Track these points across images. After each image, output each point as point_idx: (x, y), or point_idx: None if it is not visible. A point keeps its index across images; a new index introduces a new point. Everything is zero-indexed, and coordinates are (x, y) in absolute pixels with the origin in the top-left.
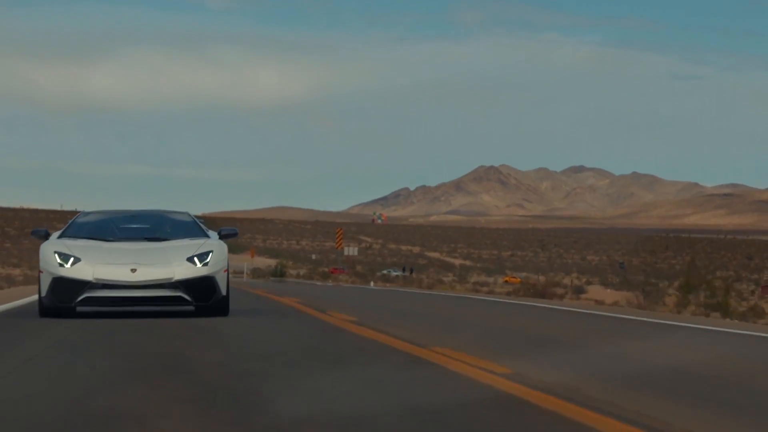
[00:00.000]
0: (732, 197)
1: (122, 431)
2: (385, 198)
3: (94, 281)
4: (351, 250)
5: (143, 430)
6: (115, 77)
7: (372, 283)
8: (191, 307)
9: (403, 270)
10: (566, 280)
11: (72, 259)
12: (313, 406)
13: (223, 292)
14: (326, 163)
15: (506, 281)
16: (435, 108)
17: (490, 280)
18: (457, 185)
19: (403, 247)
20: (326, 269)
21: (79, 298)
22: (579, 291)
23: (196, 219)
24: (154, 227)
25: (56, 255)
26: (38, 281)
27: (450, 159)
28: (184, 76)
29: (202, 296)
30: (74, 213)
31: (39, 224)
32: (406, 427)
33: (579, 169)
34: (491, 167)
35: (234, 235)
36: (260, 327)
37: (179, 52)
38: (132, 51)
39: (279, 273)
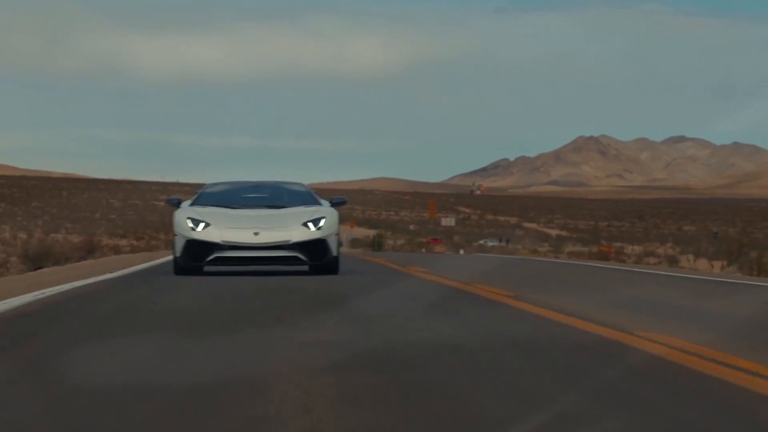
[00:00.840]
0: None
1: (271, 318)
2: (484, 169)
3: (222, 243)
4: (448, 221)
5: (282, 316)
6: (216, 49)
7: (461, 251)
8: (305, 267)
9: (500, 240)
10: (660, 250)
11: (203, 224)
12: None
13: (334, 252)
14: (426, 133)
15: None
16: (535, 78)
17: (585, 249)
18: (557, 156)
19: (501, 218)
20: (423, 239)
21: (209, 258)
22: (672, 261)
23: (309, 189)
24: (273, 196)
25: (189, 220)
26: (173, 244)
27: (550, 129)
28: (286, 47)
29: (316, 256)
30: (176, 185)
31: (142, 195)
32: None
33: (679, 140)
34: (591, 137)
35: (343, 203)
36: (369, 283)
37: (280, 23)
38: (234, 23)
39: (377, 244)
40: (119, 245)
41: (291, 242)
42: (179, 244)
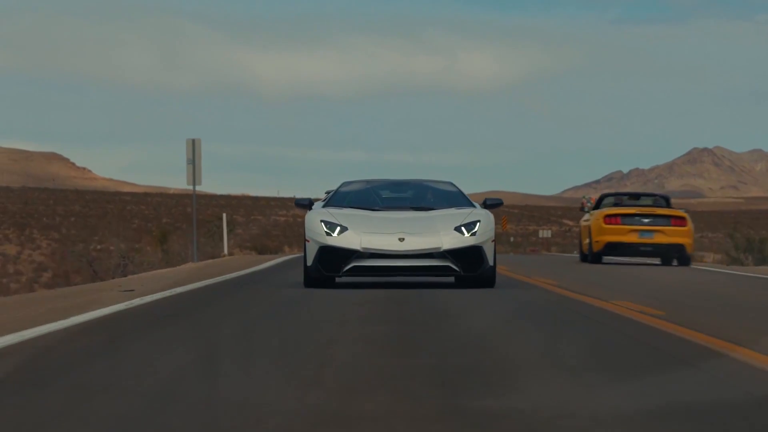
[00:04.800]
0: None
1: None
2: (597, 181)
3: (361, 250)
4: (545, 233)
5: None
6: (329, 63)
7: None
8: (452, 278)
9: None
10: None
11: (339, 228)
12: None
13: (491, 262)
14: (540, 146)
15: None
16: (649, 89)
17: None
18: (671, 167)
19: None
20: (523, 251)
21: (347, 267)
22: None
23: (459, 188)
24: (418, 196)
25: (323, 224)
26: (303, 251)
27: (664, 141)
28: (398, 60)
29: (470, 266)
30: (291, 200)
31: (262, 211)
32: None
33: None
34: (705, 149)
35: (499, 204)
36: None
37: (393, 37)
38: (346, 37)
39: None
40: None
41: (441, 250)
42: (312, 252)
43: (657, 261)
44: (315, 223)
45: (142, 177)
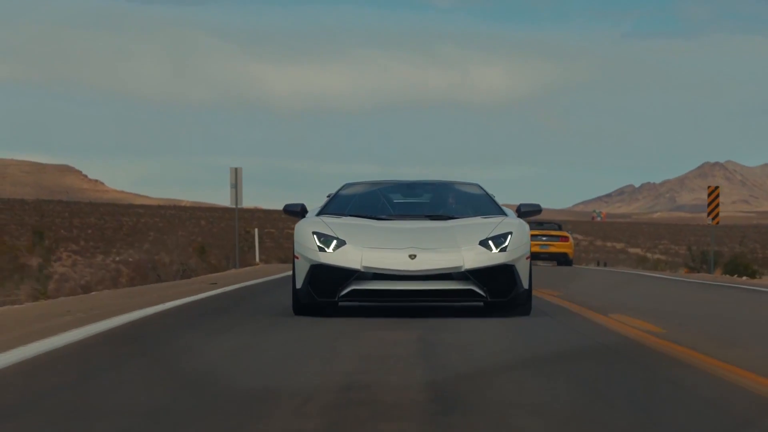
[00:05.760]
0: None
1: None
2: (609, 195)
3: (363, 270)
4: None
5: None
6: (342, 76)
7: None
8: (480, 303)
9: (597, 264)
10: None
11: (335, 242)
12: None
13: (525, 284)
14: (551, 159)
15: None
16: (661, 103)
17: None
18: (682, 182)
19: (608, 244)
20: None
21: (344, 292)
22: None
23: (487, 192)
24: (437, 201)
25: (315, 236)
26: (292, 269)
27: (675, 155)
28: (411, 74)
29: (499, 290)
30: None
31: (273, 225)
32: None
33: None
34: (716, 163)
35: (536, 212)
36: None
37: (405, 51)
38: (359, 50)
39: None
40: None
41: (463, 269)
42: (301, 271)
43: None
44: (306, 235)
45: (153, 190)
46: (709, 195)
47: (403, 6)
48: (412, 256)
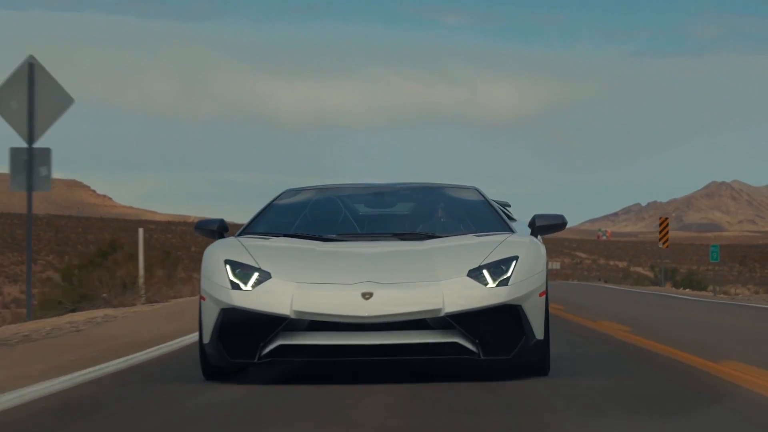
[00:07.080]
0: None
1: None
2: (615, 214)
3: (293, 316)
4: (554, 265)
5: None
6: (350, 93)
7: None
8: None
9: (598, 280)
10: (737, 290)
11: (256, 275)
12: None
13: (538, 333)
14: (558, 177)
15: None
16: (668, 122)
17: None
18: (689, 201)
19: (611, 262)
20: None
21: (268, 349)
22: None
23: (488, 198)
24: (415, 213)
25: (228, 267)
26: (199, 314)
27: (682, 174)
28: (419, 91)
29: (497, 343)
30: None
31: None
32: None
33: None
34: (723, 183)
35: (559, 226)
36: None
37: (414, 69)
38: (368, 68)
39: None
40: None
41: (443, 313)
42: (209, 318)
43: None
44: (215, 265)
45: (161, 205)
46: (660, 224)
47: (411, 23)
48: (367, 295)
